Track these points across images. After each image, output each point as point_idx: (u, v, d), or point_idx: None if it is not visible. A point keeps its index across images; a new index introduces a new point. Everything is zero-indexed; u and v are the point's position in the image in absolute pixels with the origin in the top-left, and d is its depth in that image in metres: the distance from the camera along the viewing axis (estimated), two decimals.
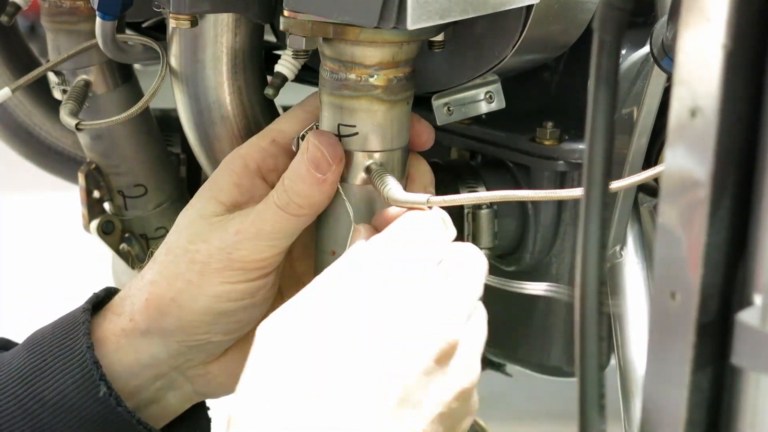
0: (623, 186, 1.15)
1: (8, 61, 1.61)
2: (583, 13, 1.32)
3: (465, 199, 1.22)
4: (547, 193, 1.23)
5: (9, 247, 3.57)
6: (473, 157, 1.49)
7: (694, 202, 0.82)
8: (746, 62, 0.80)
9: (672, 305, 0.84)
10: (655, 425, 0.88)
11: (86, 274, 3.26)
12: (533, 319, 1.50)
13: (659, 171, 1.11)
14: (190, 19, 1.26)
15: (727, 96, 0.80)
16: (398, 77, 1.22)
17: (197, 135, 1.37)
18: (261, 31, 1.34)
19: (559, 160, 1.39)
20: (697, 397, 0.86)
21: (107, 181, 1.52)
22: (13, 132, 1.64)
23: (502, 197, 1.19)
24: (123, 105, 1.46)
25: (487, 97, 1.36)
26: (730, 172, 0.82)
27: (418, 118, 1.27)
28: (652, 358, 0.87)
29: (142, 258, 1.53)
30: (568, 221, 1.42)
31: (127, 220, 1.53)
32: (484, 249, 1.43)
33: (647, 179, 1.13)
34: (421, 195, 1.19)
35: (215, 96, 1.33)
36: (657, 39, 1.23)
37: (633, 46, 1.40)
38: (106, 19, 1.30)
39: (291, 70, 1.30)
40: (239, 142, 1.34)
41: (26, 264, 3.45)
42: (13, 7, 1.48)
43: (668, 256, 0.85)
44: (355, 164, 1.24)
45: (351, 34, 1.19)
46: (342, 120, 1.23)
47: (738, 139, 0.82)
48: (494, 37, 1.29)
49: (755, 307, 0.82)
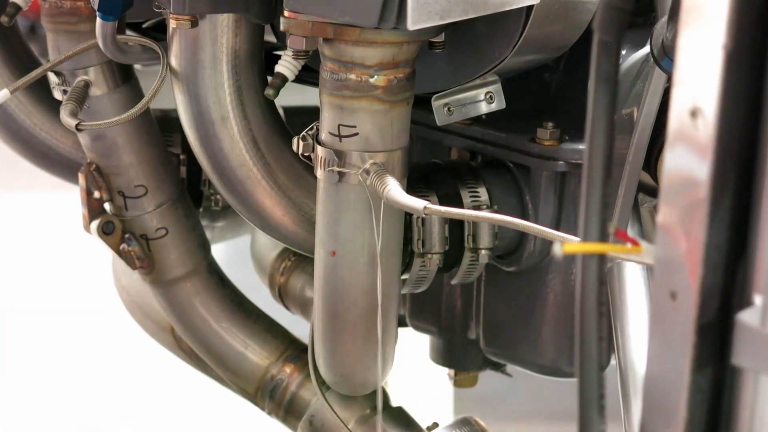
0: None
1: (8, 61, 1.60)
2: (583, 14, 1.32)
3: (461, 214, 1.22)
4: (544, 229, 1.21)
5: (9, 247, 3.57)
6: (473, 157, 1.49)
7: (694, 202, 0.82)
8: (746, 62, 0.80)
9: (672, 305, 0.85)
10: (655, 425, 0.88)
11: (86, 274, 3.26)
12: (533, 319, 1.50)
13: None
14: (190, 19, 1.26)
15: (727, 96, 0.80)
16: (398, 78, 1.23)
17: (197, 135, 1.37)
18: (261, 31, 1.34)
19: (559, 160, 1.39)
20: (697, 397, 0.86)
21: (107, 182, 1.52)
22: (13, 133, 1.64)
23: (501, 221, 1.19)
24: (123, 106, 1.46)
25: (487, 98, 1.36)
26: (730, 172, 0.82)
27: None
28: (652, 358, 0.87)
29: (142, 258, 1.53)
30: (567, 221, 1.42)
31: (127, 221, 1.53)
32: (484, 249, 1.43)
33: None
34: (419, 200, 1.19)
35: (215, 96, 1.33)
36: (657, 39, 1.23)
37: (633, 46, 1.40)
38: (106, 20, 1.30)
39: (291, 70, 1.30)
40: (239, 142, 1.34)
41: (26, 264, 3.45)
42: (13, 8, 1.48)
43: (668, 256, 0.85)
44: (355, 164, 1.24)
45: (351, 34, 1.19)
46: (342, 120, 1.24)
47: (738, 139, 0.82)
48: (494, 38, 1.29)
49: (755, 308, 0.82)
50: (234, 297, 1.61)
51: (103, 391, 2.83)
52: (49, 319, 3.11)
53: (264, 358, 1.60)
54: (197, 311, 1.58)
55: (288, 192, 1.38)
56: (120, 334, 2.63)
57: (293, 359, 1.60)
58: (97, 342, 3.03)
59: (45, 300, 3.25)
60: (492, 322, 1.55)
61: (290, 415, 1.60)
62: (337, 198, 1.29)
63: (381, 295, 1.32)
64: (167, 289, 1.58)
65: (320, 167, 1.28)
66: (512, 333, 1.52)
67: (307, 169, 1.37)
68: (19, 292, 3.28)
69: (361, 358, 1.42)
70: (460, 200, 1.42)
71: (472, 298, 1.56)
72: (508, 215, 1.40)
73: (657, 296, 0.86)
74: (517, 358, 1.54)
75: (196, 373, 1.73)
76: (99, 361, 2.96)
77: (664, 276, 0.85)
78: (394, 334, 1.44)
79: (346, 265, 1.34)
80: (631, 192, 1.39)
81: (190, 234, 1.56)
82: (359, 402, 1.52)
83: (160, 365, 2.41)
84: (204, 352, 1.61)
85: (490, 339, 1.55)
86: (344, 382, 1.46)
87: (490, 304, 1.54)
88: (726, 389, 0.86)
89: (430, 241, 1.40)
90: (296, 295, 1.69)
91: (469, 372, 1.65)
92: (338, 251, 1.32)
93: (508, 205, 1.43)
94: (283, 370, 1.60)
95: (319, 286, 1.38)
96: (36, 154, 1.66)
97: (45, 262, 3.50)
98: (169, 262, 1.55)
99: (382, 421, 1.52)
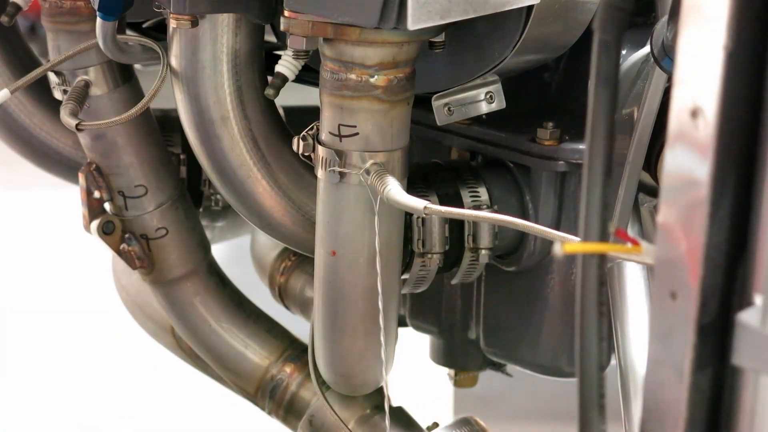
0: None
1: (8, 61, 1.60)
2: (583, 14, 1.32)
3: (461, 214, 1.22)
4: (544, 229, 1.21)
5: (9, 247, 3.57)
6: (473, 157, 1.49)
7: (694, 202, 0.82)
8: (746, 62, 0.80)
9: (672, 305, 0.85)
10: (655, 425, 0.88)
11: (86, 274, 3.26)
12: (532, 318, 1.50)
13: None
14: (190, 19, 1.26)
15: (727, 96, 0.80)
16: (398, 78, 1.23)
17: (197, 135, 1.37)
18: (261, 31, 1.34)
19: (559, 160, 1.39)
20: (697, 397, 0.86)
21: (107, 182, 1.52)
22: (13, 133, 1.64)
23: (501, 221, 1.19)
24: (123, 105, 1.46)
25: (487, 98, 1.36)
26: (730, 172, 0.82)
27: None
28: (652, 358, 0.87)
29: (142, 258, 1.53)
30: (567, 221, 1.42)
31: (127, 221, 1.53)
32: (484, 249, 1.43)
33: None
34: (420, 200, 1.19)
35: (215, 96, 1.33)
36: (657, 39, 1.23)
37: (633, 46, 1.40)
38: (106, 20, 1.30)
39: (291, 70, 1.30)
40: (239, 142, 1.34)
41: (26, 263, 3.44)
42: (13, 8, 1.48)
43: (668, 256, 0.85)
44: (356, 164, 1.24)
45: (351, 34, 1.19)
46: (342, 120, 1.24)
47: (738, 139, 0.82)
48: (494, 38, 1.29)
49: (755, 307, 0.82)
50: (234, 297, 1.61)
51: (103, 391, 2.83)
52: (49, 319, 3.11)
53: (264, 358, 1.60)
54: (197, 311, 1.59)
55: (288, 192, 1.38)
56: (120, 334, 2.63)
57: (293, 359, 1.60)
58: (97, 342, 3.03)
59: (45, 300, 3.25)
60: (492, 322, 1.55)
61: (290, 414, 1.60)
62: (338, 198, 1.29)
63: (382, 293, 1.32)
64: (167, 289, 1.58)
65: (321, 167, 1.28)
66: (512, 333, 1.52)
67: (307, 169, 1.37)
68: (19, 292, 3.28)
69: (361, 358, 1.42)
70: (460, 200, 1.42)
71: (472, 298, 1.56)
72: (508, 215, 1.40)
73: (657, 296, 0.86)
74: (517, 358, 1.54)
75: (196, 373, 1.73)
76: (99, 361, 2.96)
77: (664, 276, 0.85)
78: (394, 334, 1.44)
79: (346, 265, 1.34)
80: (631, 192, 1.39)
81: (190, 234, 1.56)
82: (359, 402, 1.52)
83: (160, 365, 2.41)
84: (204, 352, 1.61)
85: (490, 339, 1.56)
86: (344, 382, 1.46)
87: (490, 304, 1.54)
88: (726, 389, 0.86)
89: (430, 241, 1.40)
90: (296, 295, 1.69)
91: (469, 372, 1.65)
92: (338, 251, 1.32)
93: (508, 205, 1.43)
94: (283, 370, 1.60)
95: (319, 286, 1.38)
96: (36, 154, 1.66)
97: (45, 262, 3.50)
98: (169, 262, 1.55)
99: (382, 421, 1.52)
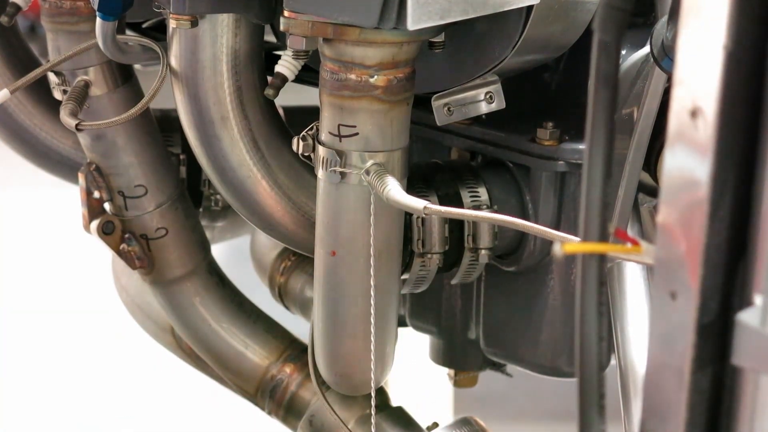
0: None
1: (8, 61, 1.60)
2: (583, 14, 1.32)
3: (461, 214, 1.22)
4: (544, 229, 1.21)
5: (9, 246, 3.57)
6: (473, 157, 1.49)
7: (694, 202, 0.82)
8: (746, 62, 0.80)
9: (672, 305, 0.84)
10: (655, 425, 0.88)
11: (86, 274, 3.26)
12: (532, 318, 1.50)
13: None
14: (190, 19, 1.26)
15: (726, 96, 0.80)
16: (398, 78, 1.23)
17: (197, 135, 1.37)
18: (261, 31, 1.34)
19: (559, 160, 1.39)
20: (697, 397, 0.86)
21: (107, 182, 1.52)
22: (13, 132, 1.64)
23: (501, 221, 1.19)
24: (123, 105, 1.46)
25: (487, 98, 1.36)
26: (730, 172, 0.82)
27: None
28: (652, 358, 0.87)
29: (142, 258, 1.53)
30: (567, 221, 1.42)
31: (127, 221, 1.53)
32: (484, 249, 1.43)
33: None
34: (419, 200, 1.19)
35: (215, 96, 1.33)
36: (657, 39, 1.23)
37: (633, 46, 1.40)
38: (106, 20, 1.30)
39: (291, 70, 1.30)
40: (239, 142, 1.34)
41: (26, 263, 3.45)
42: (13, 8, 1.48)
43: (668, 256, 0.85)
44: (355, 165, 1.24)
45: (351, 34, 1.19)
46: (342, 120, 1.24)
47: (738, 139, 0.82)
48: (494, 38, 1.29)
49: (755, 308, 0.82)
50: (234, 297, 1.61)
51: (103, 391, 2.83)
52: (49, 319, 3.11)
53: (264, 358, 1.60)
54: (197, 311, 1.59)
55: (288, 192, 1.38)
56: (120, 334, 2.63)
57: (293, 359, 1.60)
58: (97, 342, 3.04)
59: (45, 300, 3.25)
60: (492, 322, 1.55)
61: (290, 414, 1.60)
62: (338, 198, 1.29)
63: (374, 293, 1.32)
64: (167, 289, 1.58)
65: (321, 167, 1.28)
66: (512, 333, 1.52)
67: (307, 169, 1.37)
68: (19, 292, 3.28)
69: (361, 358, 1.42)
70: (460, 200, 1.42)
71: (472, 298, 1.56)
72: (508, 215, 1.40)
73: (657, 296, 0.86)
74: (517, 358, 1.54)
75: (196, 373, 1.73)
76: (99, 361, 2.96)
77: (664, 276, 0.85)
78: (394, 334, 1.44)
79: (346, 265, 1.34)
80: (631, 192, 1.39)
81: (190, 234, 1.56)
82: (359, 402, 1.52)
83: (160, 365, 2.41)
84: (204, 352, 1.61)
85: (490, 339, 1.55)
86: (344, 382, 1.46)
87: (490, 304, 1.54)
88: (726, 389, 0.86)
89: (430, 241, 1.40)
90: (296, 295, 1.69)
91: (469, 372, 1.65)
92: (338, 251, 1.32)
93: (508, 205, 1.43)
94: (283, 370, 1.60)
95: (319, 286, 1.38)
96: (36, 154, 1.66)
97: (45, 262, 3.50)
98: (169, 262, 1.55)
99: (382, 421, 1.52)
